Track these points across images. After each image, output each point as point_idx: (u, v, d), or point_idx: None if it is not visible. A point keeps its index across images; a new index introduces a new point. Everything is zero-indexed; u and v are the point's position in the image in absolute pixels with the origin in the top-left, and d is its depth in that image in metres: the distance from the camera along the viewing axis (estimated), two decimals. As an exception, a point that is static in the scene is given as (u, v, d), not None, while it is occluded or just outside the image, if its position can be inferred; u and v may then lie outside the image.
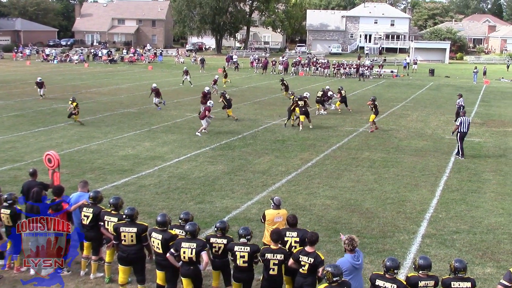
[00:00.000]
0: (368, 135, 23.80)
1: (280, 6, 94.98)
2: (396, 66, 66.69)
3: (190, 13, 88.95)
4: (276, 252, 8.16)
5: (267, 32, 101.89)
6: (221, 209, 13.59)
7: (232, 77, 52.63)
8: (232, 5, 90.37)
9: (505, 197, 15.08)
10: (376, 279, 7.33)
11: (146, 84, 43.44)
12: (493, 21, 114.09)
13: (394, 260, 7.37)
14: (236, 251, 8.31)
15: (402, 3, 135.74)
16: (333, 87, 34.24)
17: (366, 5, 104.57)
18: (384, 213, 13.50)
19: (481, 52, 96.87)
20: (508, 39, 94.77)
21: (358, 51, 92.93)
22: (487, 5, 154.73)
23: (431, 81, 52.95)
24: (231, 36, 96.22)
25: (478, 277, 9.82)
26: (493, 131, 25.50)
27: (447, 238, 11.97)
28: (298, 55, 77.55)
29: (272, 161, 18.60)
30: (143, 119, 26.66)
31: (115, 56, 74.23)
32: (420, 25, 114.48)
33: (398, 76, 57.29)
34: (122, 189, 15.04)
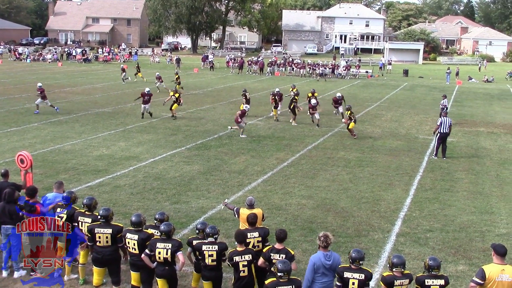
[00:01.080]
0: (343, 135, 23.97)
1: (256, 6, 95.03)
2: (371, 67, 67.29)
3: (165, 12, 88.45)
4: (244, 253, 8.14)
5: (243, 32, 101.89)
6: (197, 209, 13.55)
7: (208, 76, 52.58)
8: (208, 5, 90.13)
9: (477, 196, 15.33)
10: (344, 272, 7.47)
11: (121, 84, 43.12)
12: (466, 23, 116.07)
13: (359, 252, 7.58)
14: (204, 250, 8.29)
15: (377, 4, 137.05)
16: (308, 87, 34.37)
17: (342, 6, 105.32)
18: (359, 212, 13.61)
19: (454, 53, 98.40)
20: (480, 41, 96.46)
21: (333, 51, 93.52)
22: (459, 6, 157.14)
23: (405, 81, 53.58)
24: (207, 36, 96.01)
25: (451, 275, 9.96)
26: (465, 131, 25.90)
27: (421, 236, 12.12)
28: (274, 55, 77.74)
29: (248, 161, 18.61)
30: (118, 119, 26.43)
31: (89, 55, 73.44)
32: (395, 26, 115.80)
33: (373, 77, 57.83)
34: (97, 190, 14.89)
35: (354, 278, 7.41)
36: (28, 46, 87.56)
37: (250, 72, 58.14)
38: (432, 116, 30.23)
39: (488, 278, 7.23)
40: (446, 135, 19.74)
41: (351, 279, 7.42)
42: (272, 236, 9.47)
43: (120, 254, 8.91)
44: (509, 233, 12.45)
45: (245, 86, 43.61)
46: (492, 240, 11.60)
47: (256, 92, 38.52)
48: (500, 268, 7.27)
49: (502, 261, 7.37)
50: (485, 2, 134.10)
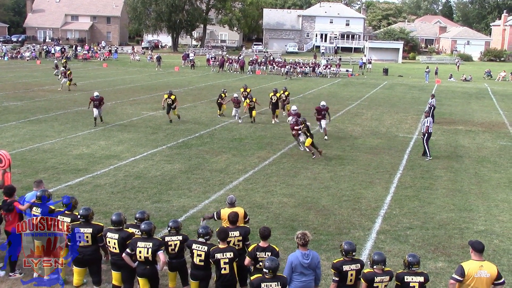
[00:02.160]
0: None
1: (236, 4, 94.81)
2: (351, 65, 67.67)
3: (145, 10, 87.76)
4: (225, 251, 8.14)
5: (223, 31, 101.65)
6: (178, 208, 13.51)
7: (189, 75, 52.42)
8: (189, 3, 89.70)
9: (456, 193, 15.52)
10: (342, 266, 7.65)
11: (101, 82, 42.80)
12: (444, 22, 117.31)
13: (351, 244, 7.80)
14: (194, 249, 8.29)
15: (357, 3, 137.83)
16: (288, 86, 34.44)
17: (322, 5, 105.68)
18: (340, 210, 13.69)
19: (433, 52, 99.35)
20: (458, 40, 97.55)
21: (314, 50, 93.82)
22: (438, 6, 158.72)
23: (385, 80, 53.99)
24: (187, 34, 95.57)
25: (430, 271, 10.08)
26: (444, 129, 26.19)
27: (401, 234, 12.24)
28: (255, 54, 77.75)
29: (229, 160, 18.60)
30: (107, 116, 26.17)
31: (68, 53, 72.65)
32: (374, 25, 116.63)
33: (353, 75, 58.17)
34: (77, 189, 14.76)
35: (352, 270, 7.65)
36: (6, 43, 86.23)
37: (231, 70, 58.08)
38: (412, 115, 30.56)
39: (467, 274, 7.33)
40: (425, 135, 19.88)
41: (350, 271, 7.63)
42: (254, 235, 9.51)
43: (100, 253, 8.85)
44: (487, 230, 12.63)
45: (226, 84, 43.63)
46: (470, 237, 11.75)
47: (237, 90, 38.41)
48: (479, 265, 7.38)
49: (480, 258, 7.48)
50: (463, 2, 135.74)
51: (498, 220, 13.36)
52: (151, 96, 34.96)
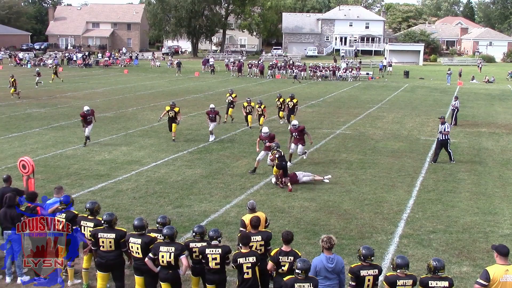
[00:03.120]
0: (345, 136, 23.96)
1: (255, 9, 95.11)
2: (372, 68, 67.31)
3: (165, 16, 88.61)
4: (248, 255, 8.13)
5: (243, 35, 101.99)
6: (200, 213, 13.54)
7: (208, 80, 52.64)
8: (208, 8, 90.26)
9: (480, 197, 15.31)
10: (360, 271, 7.58)
11: (122, 88, 43.22)
12: (465, 24, 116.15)
13: (369, 248, 7.72)
14: (208, 253, 8.28)
15: (377, 6, 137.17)
16: (308, 90, 34.38)
17: (341, 8, 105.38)
18: (362, 214, 13.60)
19: (454, 54, 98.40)
20: (480, 41, 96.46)
21: (333, 53, 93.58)
22: (459, 7, 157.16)
23: (406, 83, 53.57)
24: (207, 39, 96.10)
25: (455, 276, 9.95)
26: (467, 131, 25.88)
27: (424, 238, 12.10)
28: (274, 58, 77.80)
29: (250, 164, 18.58)
30: (119, 124, 26.45)
31: (90, 60, 73.51)
32: (395, 27, 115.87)
33: (373, 78, 57.84)
34: (99, 194, 14.89)
35: (370, 275, 7.58)
36: (29, 51, 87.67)
37: (250, 75, 58.17)
38: (434, 117, 30.21)
39: (492, 279, 7.21)
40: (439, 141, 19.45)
41: (367, 276, 7.57)
42: (276, 239, 9.48)
43: (124, 259, 8.90)
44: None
45: (246, 89, 43.75)
46: (495, 240, 11.57)
47: (257, 95, 38.52)
48: (504, 269, 7.26)
49: (506, 261, 7.36)
50: (484, 2, 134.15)
51: (523, 224, 13.14)
52: (172, 102, 35.14)
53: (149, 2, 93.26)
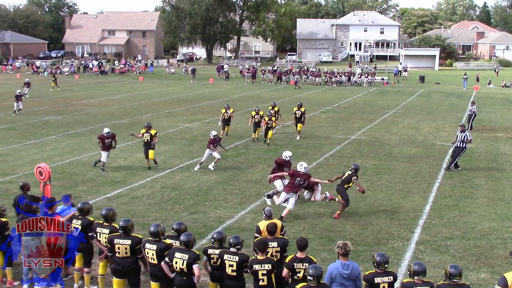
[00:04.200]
0: (360, 142, 23.86)
1: (270, 15, 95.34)
2: (387, 74, 67.02)
3: (180, 23, 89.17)
4: (263, 262, 8.11)
5: (257, 42, 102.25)
6: (215, 219, 13.55)
7: (223, 86, 52.78)
8: (222, 15, 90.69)
9: (497, 202, 15.14)
10: (374, 278, 7.54)
11: (137, 95, 43.49)
12: (482, 28, 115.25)
13: (383, 255, 7.67)
14: (226, 259, 8.30)
15: (391, 11, 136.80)
16: (323, 96, 34.30)
17: (356, 14, 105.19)
18: (377, 220, 13.51)
19: (470, 59, 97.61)
20: (497, 45, 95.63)
21: (348, 59, 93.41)
22: (475, 12, 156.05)
23: (421, 88, 53.25)
24: (221, 46, 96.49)
25: (472, 283, 9.84)
26: (484, 136, 25.64)
27: (441, 244, 11.99)
28: (289, 64, 77.83)
29: (265, 170, 18.56)
30: (134, 130, 26.42)
31: (105, 67, 74.10)
32: (410, 32, 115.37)
33: (388, 84, 57.57)
34: (115, 201, 14.97)
35: (384, 282, 7.53)
36: (46, 59, 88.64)
37: (265, 81, 58.22)
38: (450, 122, 30.01)
39: (510, 285, 7.12)
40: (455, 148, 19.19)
41: (382, 284, 7.52)
42: (292, 245, 9.45)
43: (139, 265, 8.93)
44: (531, 240, 12.27)
45: (260, 95, 43.80)
46: (514, 247, 11.44)
47: (271, 101, 38.49)
48: (523, 276, 7.17)
49: (525, 268, 7.27)
50: (501, 6, 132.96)
51: (542, 230, 12.97)
52: (187, 108, 35.33)
53: (164, 9, 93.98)
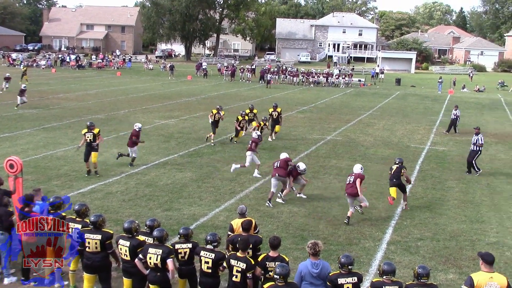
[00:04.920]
0: (335, 143, 24.06)
1: (249, 14, 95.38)
2: (364, 75, 67.61)
3: (159, 19, 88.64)
4: (240, 260, 8.16)
5: (236, 40, 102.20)
6: (189, 216, 13.57)
7: (201, 84, 52.66)
8: (202, 13, 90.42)
9: (467, 205, 15.43)
10: (338, 279, 7.59)
11: (114, 90, 43.15)
12: (458, 33, 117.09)
13: (348, 257, 7.76)
14: (202, 256, 8.36)
15: (370, 13, 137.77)
16: (301, 96, 34.47)
17: (335, 15, 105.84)
18: (350, 220, 13.65)
19: (446, 63, 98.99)
20: (472, 50, 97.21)
21: (326, 60, 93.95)
22: (451, 17, 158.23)
23: (397, 90, 53.85)
24: (200, 43, 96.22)
25: (441, 283, 10.04)
26: (456, 140, 26.06)
27: (411, 245, 12.18)
28: (267, 63, 77.97)
29: (240, 169, 18.62)
30: (111, 126, 26.42)
31: (83, 61, 73.34)
32: (387, 35, 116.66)
33: (365, 85, 58.10)
34: (89, 196, 14.88)
35: (348, 283, 7.57)
36: (22, 52, 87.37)
37: (243, 80, 58.27)
38: (424, 125, 30.44)
39: (476, 285, 7.30)
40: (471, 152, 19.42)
41: (346, 284, 7.56)
42: (265, 244, 9.52)
43: (110, 261, 8.90)
44: (499, 242, 12.54)
45: (238, 94, 43.82)
46: (482, 248, 11.65)
47: (249, 100, 38.62)
48: (488, 276, 7.35)
49: (490, 269, 7.45)
50: (477, 12, 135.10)
51: (510, 232, 13.26)
52: (164, 105, 35.20)
53: (144, 5, 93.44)
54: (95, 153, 17.23)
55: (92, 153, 17.18)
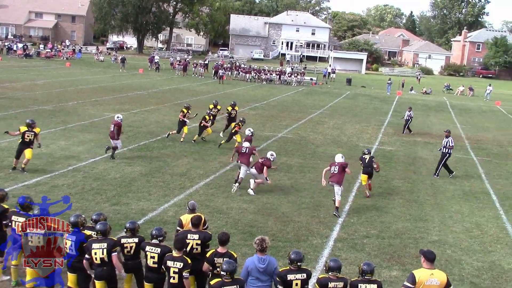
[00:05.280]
0: (286, 140, 24.26)
1: (204, 9, 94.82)
2: (316, 74, 68.38)
3: (111, 10, 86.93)
4: (177, 260, 8.01)
5: (190, 34, 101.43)
6: (137, 211, 13.41)
7: (153, 77, 52.05)
8: (156, 5, 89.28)
9: (412, 204, 15.86)
10: (287, 275, 7.65)
11: (63, 81, 42.13)
12: (407, 36, 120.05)
13: (298, 253, 7.83)
14: (147, 251, 8.27)
15: (323, 13, 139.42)
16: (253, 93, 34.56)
17: (289, 13, 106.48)
18: (299, 218, 13.82)
19: (395, 65, 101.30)
20: (420, 53, 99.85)
21: (280, 57, 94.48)
22: (401, 20, 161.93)
23: (348, 90, 54.74)
24: (153, 37, 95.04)
25: (385, 280, 10.28)
26: (403, 140, 26.72)
27: (358, 242, 12.43)
28: (220, 59, 77.77)
29: (190, 164, 18.55)
30: (58, 117, 25.79)
31: (31, 50, 71.19)
32: (340, 35, 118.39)
33: (317, 84, 58.78)
34: (33, 189, 14.49)
35: (297, 279, 7.64)
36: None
37: (196, 75, 57.93)
38: (373, 125, 31.06)
39: (418, 282, 7.52)
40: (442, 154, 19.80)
41: (294, 280, 7.64)
42: (214, 240, 9.51)
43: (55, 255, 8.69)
44: (441, 240, 12.95)
45: (191, 88, 43.54)
46: (424, 246, 12.01)
47: (201, 95, 38.47)
48: (429, 273, 7.59)
49: (431, 266, 7.69)
50: (426, 16, 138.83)
51: (451, 231, 13.71)
52: (114, 98, 34.62)
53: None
54: (30, 150, 16.21)
55: (27, 150, 16.17)
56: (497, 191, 17.97)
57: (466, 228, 13.97)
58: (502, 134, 31.62)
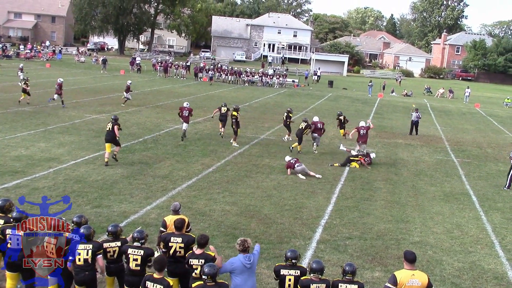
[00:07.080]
0: (268, 142, 24.28)
1: (185, 10, 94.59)
2: (298, 76, 68.58)
3: (92, 11, 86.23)
4: (156, 282, 7.46)
5: (171, 36, 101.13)
6: (119, 213, 13.32)
7: (134, 79, 51.73)
8: (137, 6, 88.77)
9: (394, 205, 15.97)
10: (280, 269, 7.86)
11: (43, 83, 41.67)
12: (388, 38, 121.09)
13: (294, 251, 8.00)
14: (130, 253, 8.22)
15: (305, 15, 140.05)
16: (235, 94, 34.53)
17: (271, 15, 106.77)
18: (282, 219, 13.84)
19: (376, 67, 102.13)
20: (401, 56, 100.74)
21: (262, 59, 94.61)
22: (382, 22, 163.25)
23: (329, 92, 54.97)
24: (134, 38, 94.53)
25: (367, 281, 10.34)
26: (385, 142, 26.91)
27: (340, 243, 12.48)
28: (202, 61, 77.63)
29: (173, 166, 18.48)
30: (38, 119, 25.51)
31: (9, 51, 70.29)
32: (321, 37, 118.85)
33: (299, 86, 58.95)
34: (13, 192, 14.31)
35: (290, 275, 7.79)
36: None
37: (177, 76, 57.74)
38: (353, 127, 31.14)
39: (399, 282, 7.59)
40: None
41: (288, 276, 7.78)
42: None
43: None
44: (422, 241, 13.06)
45: (172, 90, 43.35)
46: (406, 247, 12.11)
47: (183, 97, 38.33)
48: (410, 273, 7.66)
49: (412, 267, 7.77)
50: (406, 19, 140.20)
51: (432, 232, 13.83)
52: (95, 99, 34.35)
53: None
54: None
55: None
56: (477, 192, 18.19)
57: (447, 229, 14.12)
58: (481, 135, 32.01)
